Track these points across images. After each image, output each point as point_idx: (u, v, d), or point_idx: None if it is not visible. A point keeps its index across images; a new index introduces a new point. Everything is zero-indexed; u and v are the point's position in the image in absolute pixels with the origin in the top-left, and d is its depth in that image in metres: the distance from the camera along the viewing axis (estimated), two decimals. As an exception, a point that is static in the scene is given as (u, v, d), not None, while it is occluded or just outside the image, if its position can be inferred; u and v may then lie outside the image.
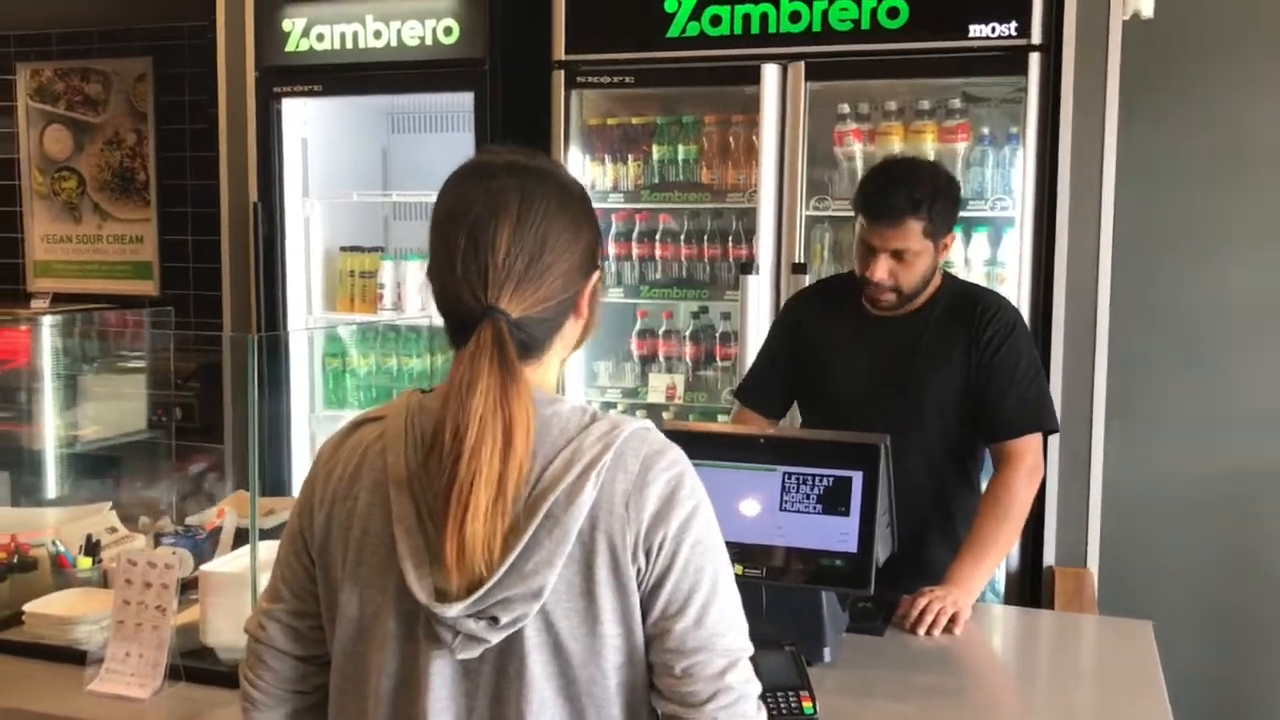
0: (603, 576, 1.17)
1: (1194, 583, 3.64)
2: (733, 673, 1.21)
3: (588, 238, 1.28)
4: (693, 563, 1.20)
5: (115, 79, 4.88)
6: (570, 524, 1.16)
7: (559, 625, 1.18)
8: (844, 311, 2.57)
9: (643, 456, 1.20)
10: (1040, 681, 2.19)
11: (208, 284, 4.53)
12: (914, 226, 2.36)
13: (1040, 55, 3.10)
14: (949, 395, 2.45)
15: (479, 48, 3.58)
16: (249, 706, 1.39)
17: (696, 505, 1.22)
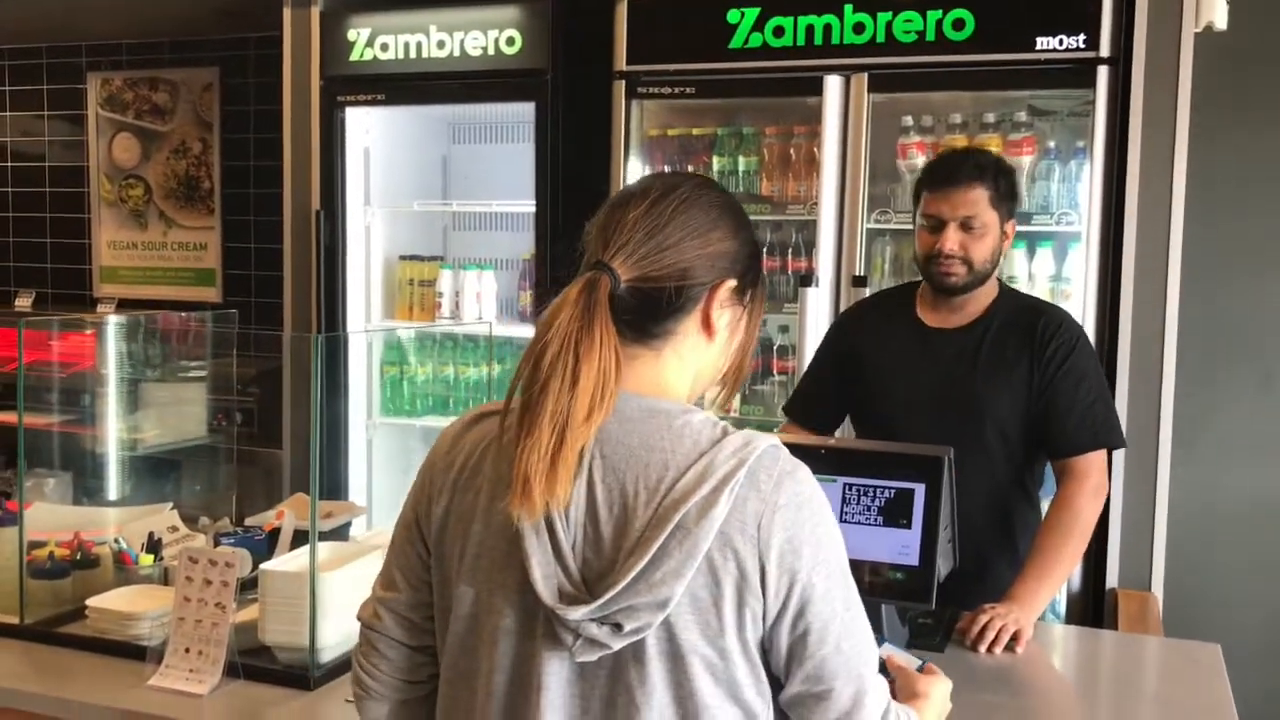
0: (728, 593, 1.15)
1: (1262, 607, 3.55)
2: (868, 698, 1.21)
3: (728, 245, 1.26)
4: (826, 595, 1.18)
5: (183, 88, 4.97)
6: (701, 537, 1.14)
7: (681, 637, 1.16)
8: (899, 325, 2.51)
9: (776, 476, 1.18)
10: (1103, 703, 2.13)
11: (269, 291, 4.59)
12: (982, 193, 2.33)
13: (1109, 68, 3.05)
14: (1011, 413, 2.38)
15: (541, 58, 3.60)
16: (361, 694, 1.39)
17: (828, 529, 1.20)
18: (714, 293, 1.25)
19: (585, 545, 1.17)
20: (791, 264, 3.51)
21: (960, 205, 2.33)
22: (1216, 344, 3.52)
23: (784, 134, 3.52)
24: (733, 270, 1.27)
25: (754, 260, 1.30)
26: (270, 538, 2.49)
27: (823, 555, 1.18)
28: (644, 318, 1.23)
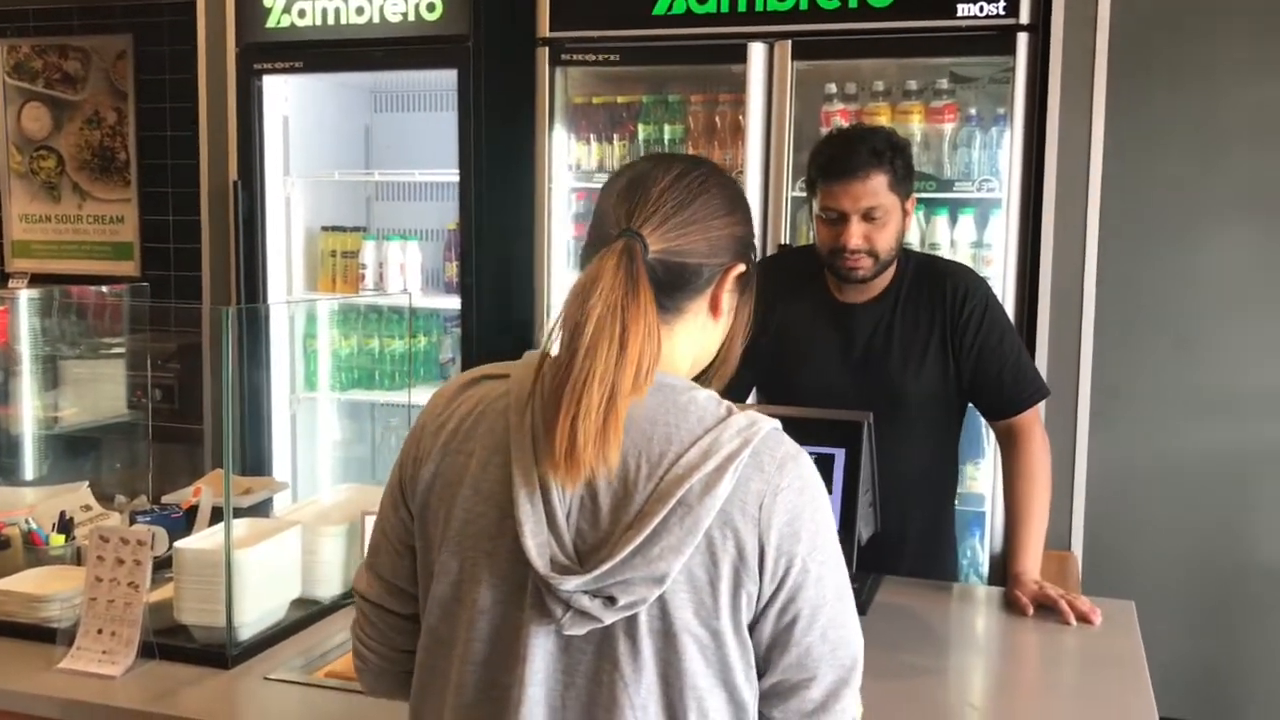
0: (725, 573, 1.14)
1: (1178, 565, 3.64)
2: (847, 690, 1.22)
3: (740, 229, 1.28)
4: (820, 579, 1.18)
5: (94, 56, 4.82)
6: (703, 514, 1.13)
7: (675, 615, 1.15)
8: (811, 296, 2.44)
9: (780, 458, 1.17)
10: (1023, 660, 2.18)
11: (189, 265, 4.49)
12: (881, 180, 2.24)
13: (1028, 35, 3.08)
14: (931, 380, 2.39)
15: (463, 24, 3.54)
16: (362, 666, 1.38)
17: (826, 516, 1.21)
18: (726, 275, 1.26)
19: (581, 517, 1.16)
20: (718, 232, 3.50)
21: (861, 197, 2.24)
22: (1134, 308, 3.59)
23: (709, 102, 3.51)
24: (744, 255, 1.28)
25: (753, 250, 1.32)
26: (188, 515, 2.44)
27: (820, 541, 1.18)
28: (664, 292, 1.21)
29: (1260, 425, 3.55)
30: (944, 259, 2.67)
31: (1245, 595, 3.61)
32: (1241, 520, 3.60)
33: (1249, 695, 3.62)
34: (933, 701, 1.89)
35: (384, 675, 1.36)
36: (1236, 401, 3.57)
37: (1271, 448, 3.54)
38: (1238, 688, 3.63)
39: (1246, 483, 3.57)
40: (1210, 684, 3.61)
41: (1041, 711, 1.85)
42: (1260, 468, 3.56)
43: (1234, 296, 3.56)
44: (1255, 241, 3.54)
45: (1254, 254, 3.54)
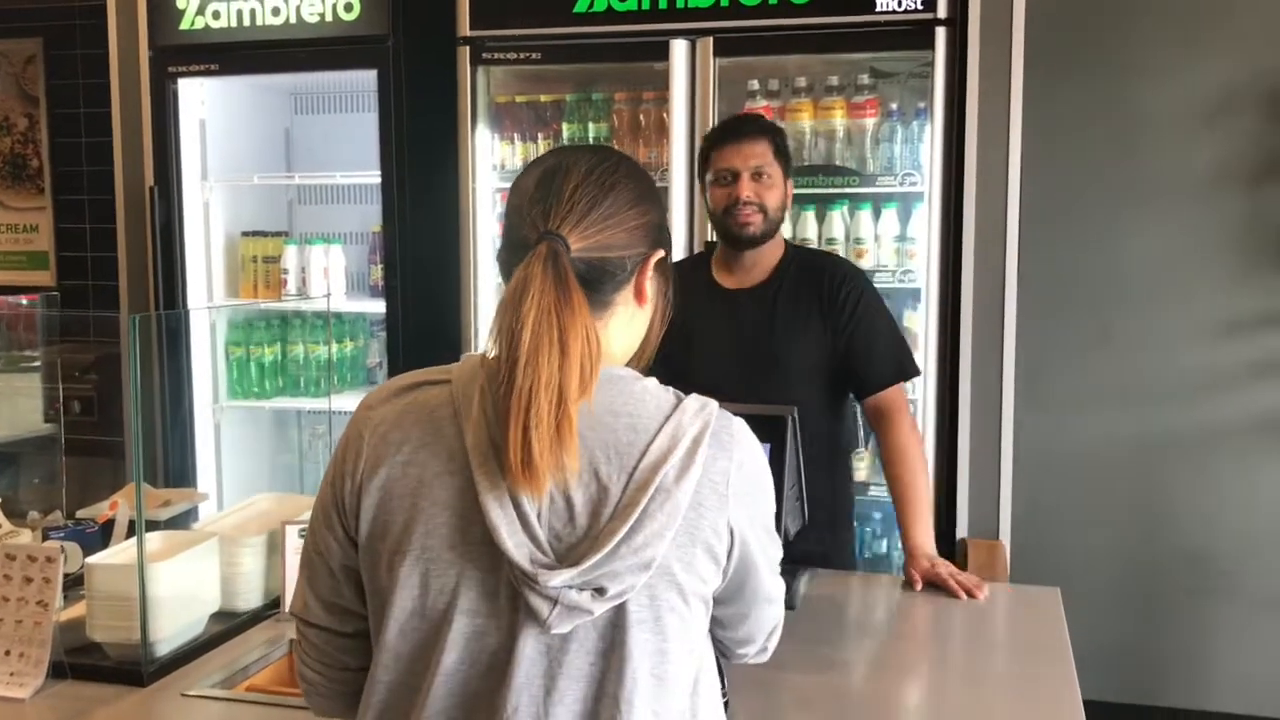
0: (700, 550, 1.18)
1: (1102, 551, 3.71)
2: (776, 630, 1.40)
3: (654, 216, 1.29)
4: (759, 542, 1.26)
5: (3, 61, 4.69)
6: (682, 497, 1.16)
7: (660, 599, 1.17)
8: (697, 287, 2.56)
9: (733, 434, 1.23)
10: (951, 649, 2.19)
11: (107, 274, 4.38)
12: (767, 146, 2.46)
13: (946, 29, 3.11)
14: (813, 362, 2.51)
15: (381, 24, 3.50)
16: (308, 689, 1.35)
17: (769, 485, 1.28)
18: (646, 263, 1.27)
19: (553, 517, 1.14)
20: (644, 230, 3.49)
21: (751, 156, 2.45)
22: (1057, 297, 3.64)
23: (633, 100, 3.50)
24: (661, 241, 1.30)
25: (668, 234, 1.34)
26: (104, 530, 2.37)
27: (766, 507, 1.27)
28: (591, 289, 1.21)
29: (1180, 412, 3.62)
30: (825, 252, 2.91)
31: (1167, 580, 3.68)
32: (1163, 506, 3.67)
33: (1170, 676, 3.70)
34: (862, 694, 1.90)
35: (333, 697, 1.33)
36: (1157, 389, 3.64)
37: (1190, 434, 3.62)
38: (1159, 669, 3.70)
39: (1167, 469, 3.65)
40: (1133, 666, 3.68)
41: (969, 699, 1.86)
42: (1180, 454, 3.64)
43: (1154, 285, 3.63)
44: (1174, 230, 3.61)
45: (1173, 243, 3.61)
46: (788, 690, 1.83)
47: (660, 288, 1.32)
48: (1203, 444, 3.61)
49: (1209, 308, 3.58)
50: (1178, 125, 3.57)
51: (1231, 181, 3.54)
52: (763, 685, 1.81)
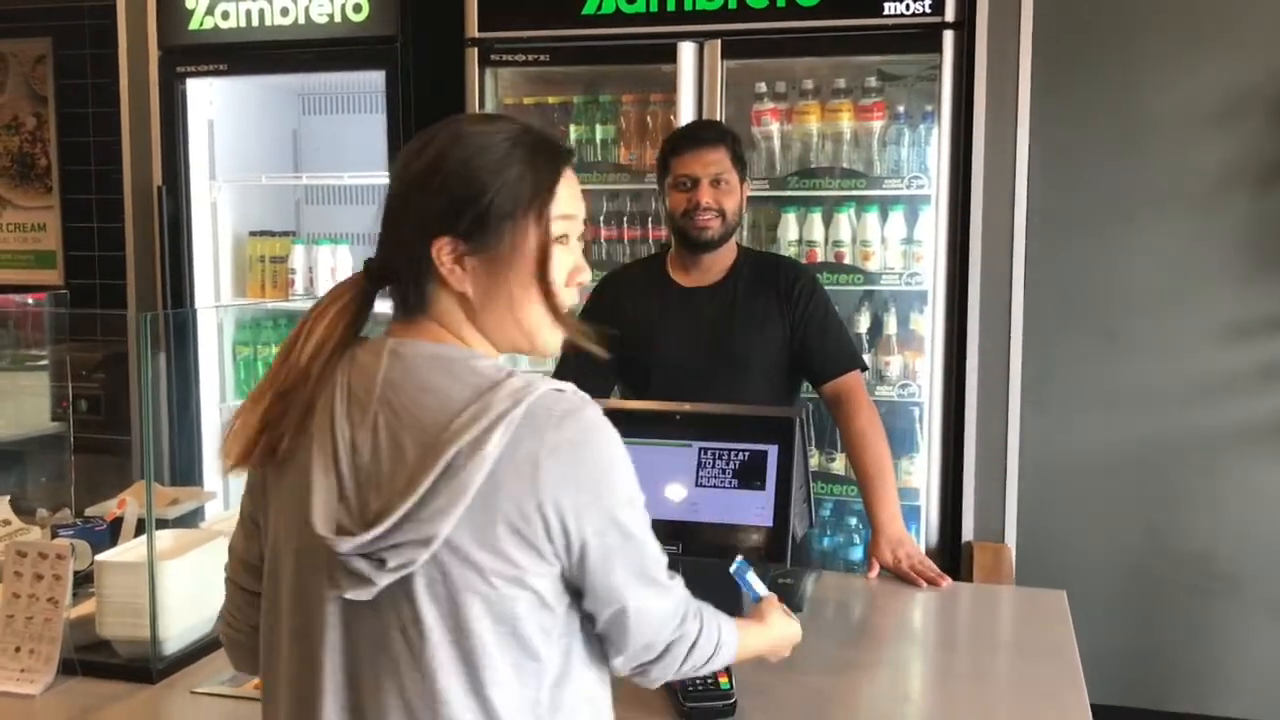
0: (503, 532, 1.15)
1: (1108, 555, 3.70)
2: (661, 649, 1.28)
3: (428, 204, 1.22)
4: (601, 535, 1.19)
5: (13, 61, 4.70)
6: (469, 477, 1.13)
7: (454, 574, 1.16)
8: (655, 288, 2.65)
9: (556, 416, 1.17)
10: (957, 651, 2.19)
11: (114, 273, 4.39)
12: (724, 153, 2.54)
13: (954, 32, 3.12)
14: (772, 355, 2.58)
15: (390, 25, 3.51)
16: (226, 642, 1.41)
17: (607, 469, 1.20)
18: (434, 255, 1.21)
19: (369, 488, 1.17)
20: (652, 233, 3.50)
21: (710, 164, 2.52)
22: (1063, 301, 3.64)
23: (641, 102, 3.50)
24: (442, 227, 1.21)
25: (471, 202, 1.21)
26: (113, 528, 2.38)
27: (602, 492, 1.18)
28: (400, 295, 1.25)
29: (1186, 416, 3.62)
30: (777, 253, 3.04)
31: (1173, 584, 3.68)
32: (1169, 510, 3.67)
33: (1175, 680, 3.69)
34: (869, 696, 1.90)
35: (241, 650, 1.39)
36: (1163, 393, 3.63)
37: (1197, 438, 3.62)
38: (1164, 673, 3.70)
39: (1173, 473, 3.64)
40: (1139, 670, 3.68)
41: (976, 702, 1.86)
42: (1186, 458, 3.63)
43: (1160, 289, 3.63)
44: (1181, 234, 3.61)
45: (1180, 247, 3.61)
46: (794, 691, 1.83)
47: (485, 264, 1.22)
48: (1209, 448, 3.61)
49: (1215, 311, 3.58)
50: (1185, 128, 3.57)
51: (1239, 185, 3.54)
52: (768, 687, 1.82)
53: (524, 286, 1.24)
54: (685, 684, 1.69)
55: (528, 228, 1.22)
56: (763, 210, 3.41)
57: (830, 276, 3.20)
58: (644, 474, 2.01)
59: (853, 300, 3.35)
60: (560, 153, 1.27)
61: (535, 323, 1.26)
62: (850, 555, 3.36)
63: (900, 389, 3.25)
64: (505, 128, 1.26)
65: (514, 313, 1.24)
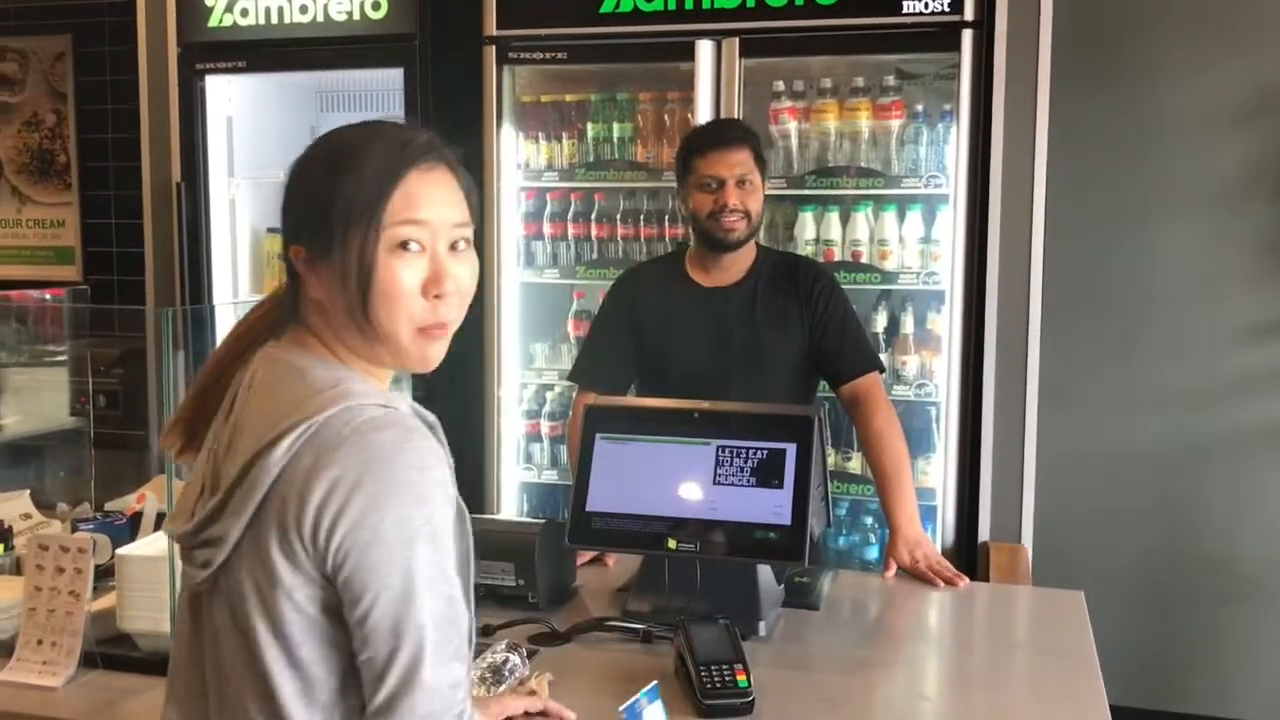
0: (274, 545, 1.15)
1: (1126, 556, 3.69)
2: (409, 696, 1.12)
3: (289, 216, 1.27)
4: (365, 562, 1.12)
5: (33, 58, 4.73)
6: (256, 485, 1.15)
7: (242, 580, 1.17)
8: (675, 287, 2.65)
9: (343, 435, 1.14)
10: (974, 651, 2.19)
11: (132, 269, 4.42)
12: (749, 153, 2.54)
13: (973, 31, 3.11)
14: (791, 355, 2.59)
15: (409, 23, 3.51)
16: None
17: (396, 493, 1.13)
18: (294, 262, 1.25)
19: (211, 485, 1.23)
20: (668, 231, 3.50)
21: (735, 164, 2.51)
22: (1081, 301, 3.63)
23: (658, 100, 3.50)
24: (297, 235, 1.24)
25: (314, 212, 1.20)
26: (132, 522, 2.40)
27: (370, 521, 1.11)
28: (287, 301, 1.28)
29: (1204, 417, 3.60)
30: (795, 253, 3.04)
31: (1190, 585, 3.66)
32: (1186, 511, 3.65)
33: (1192, 682, 3.68)
34: (886, 695, 1.90)
35: None
36: (1181, 394, 3.62)
37: (1215, 439, 3.60)
38: (1181, 675, 3.68)
39: (1191, 474, 3.63)
40: (1157, 672, 3.66)
41: (994, 702, 1.85)
42: (1204, 459, 3.62)
43: (1179, 289, 3.61)
44: (1200, 234, 3.59)
45: (1198, 247, 3.59)
46: (811, 690, 1.83)
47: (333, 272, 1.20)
48: (1227, 449, 3.59)
49: (1234, 313, 3.57)
50: (1205, 128, 3.55)
51: (1259, 185, 3.52)
52: (787, 685, 1.82)
53: (332, 303, 1.21)
54: (703, 680, 1.69)
55: (363, 236, 1.17)
56: (780, 209, 3.40)
57: (847, 276, 3.20)
58: (662, 472, 2.04)
59: (870, 300, 3.34)
60: (407, 155, 1.21)
61: (384, 336, 1.20)
62: (866, 555, 3.35)
63: (917, 389, 3.25)
64: (362, 133, 1.24)
65: (358, 326, 1.21)
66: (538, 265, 3.57)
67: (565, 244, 3.57)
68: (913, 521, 2.42)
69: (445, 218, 1.23)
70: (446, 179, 1.24)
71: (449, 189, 1.24)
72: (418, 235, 1.20)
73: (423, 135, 1.25)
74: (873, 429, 2.51)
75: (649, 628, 1.95)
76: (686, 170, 2.56)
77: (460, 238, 1.25)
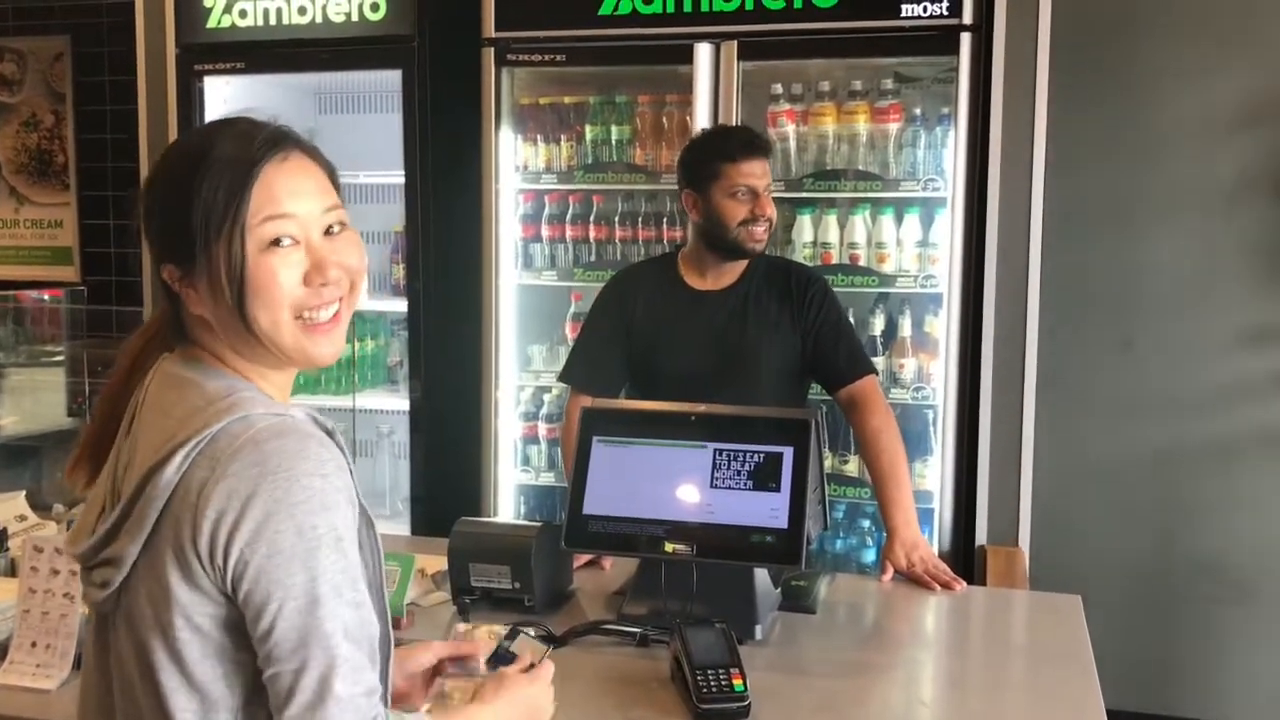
0: (170, 564, 1.11)
1: (1124, 560, 3.69)
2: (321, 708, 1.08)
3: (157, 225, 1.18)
4: (267, 574, 1.08)
5: (31, 58, 4.72)
6: (150, 503, 1.12)
7: (137, 602, 1.15)
8: (669, 290, 2.66)
9: (236, 446, 1.10)
10: (971, 655, 2.19)
11: (130, 270, 4.42)
12: (769, 163, 2.61)
13: (971, 35, 3.11)
14: (783, 359, 2.60)
15: (407, 24, 3.51)
16: None
17: (291, 504, 1.09)
18: (168, 282, 1.19)
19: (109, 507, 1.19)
20: (666, 233, 3.50)
21: (765, 174, 2.57)
22: (1079, 305, 3.63)
23: (657, 102, 3.50)
24: (164, 255, 1.18)
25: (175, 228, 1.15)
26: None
27: (267, 534, 1.08)
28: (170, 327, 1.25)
29: (1201, 422, 3.61)
30: (786, 258, 3.07)
31: (1186, 589, 3.66)
32: (1183, 515, 3.65)
33: (1188, 686, 3.68)
34: (883, 699, 1.90)
35: None
36: (1179, 398, 3.62)
37: (1212, 444, 3.60)
38: (1177, 679, 3.68)
39: (1188, 478, 3.63)
40: (1154, 675, 3.66)
41: (991, 706, 1.85)
42: (1201, 463, 3.62)
43: (1176, 294, 3.62)
44: (1197, 239, 3.59)
45: (1196, 252, 3.60)
46: (808, 694, 1.83)
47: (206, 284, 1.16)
48: (1224, 454, 3.59)
49: (1231, 317, 3.57)
50: (1202, 133, 3.55)
51: (1257, 191, 3.53)
52: (783, 690, 1.82)
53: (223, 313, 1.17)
54: (699, 685, 1.68)
55: (229, 241, 1.13)
56: (778, 212, 3.38)
57: (845, 279, 3.20)
58: (659, 475, 2.04)
59: (867, 303, 3.34)
60: (256, 149, 1.15)
61: (266, 338, 1.17)
62: (863, 558, 3.35)
63: (914, 392, 3.25)
64: (206, 135, 1.18)
65: (253, 331, 1.17)
66: (535, 267, 3.57)
67: (563, 246, 3.57)
68: (910, 524, 2.42)
69: (311, 207, 1.17)
70: (304, 165, 1.18)
71: (309, 175, 1.19)
72: (288, 230, 1.15)
73: (269, 126, 1.19)
74: (870, 431, 2.52)
75: (645, 631, 1.95)
76: (713, 176, 2.53)
77: (334, 221, 1.19)
